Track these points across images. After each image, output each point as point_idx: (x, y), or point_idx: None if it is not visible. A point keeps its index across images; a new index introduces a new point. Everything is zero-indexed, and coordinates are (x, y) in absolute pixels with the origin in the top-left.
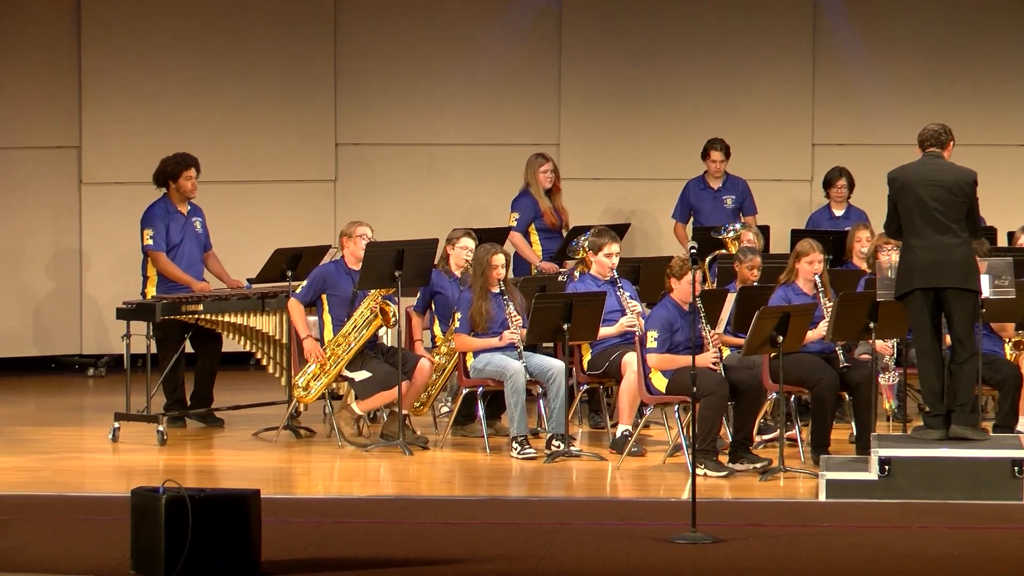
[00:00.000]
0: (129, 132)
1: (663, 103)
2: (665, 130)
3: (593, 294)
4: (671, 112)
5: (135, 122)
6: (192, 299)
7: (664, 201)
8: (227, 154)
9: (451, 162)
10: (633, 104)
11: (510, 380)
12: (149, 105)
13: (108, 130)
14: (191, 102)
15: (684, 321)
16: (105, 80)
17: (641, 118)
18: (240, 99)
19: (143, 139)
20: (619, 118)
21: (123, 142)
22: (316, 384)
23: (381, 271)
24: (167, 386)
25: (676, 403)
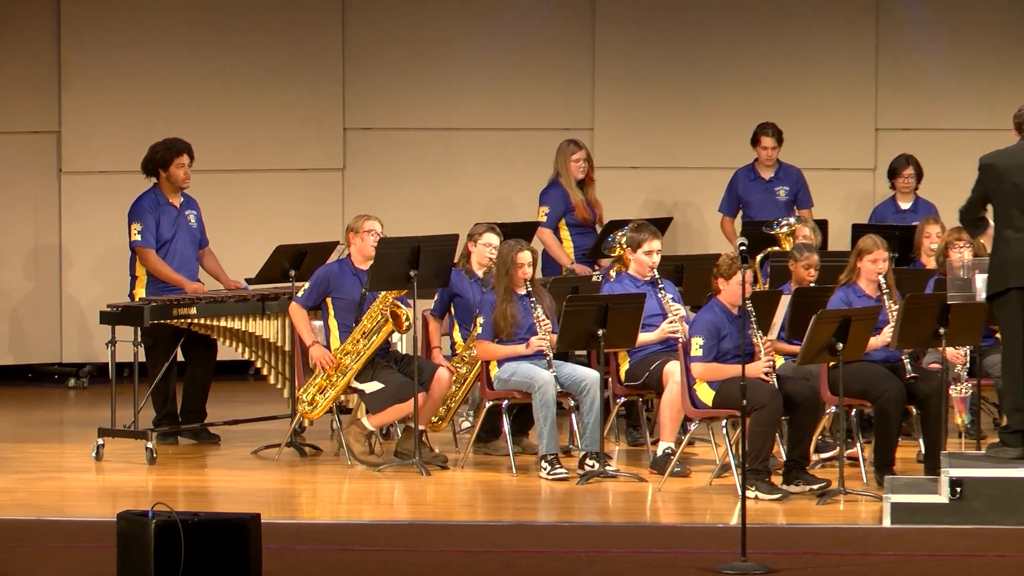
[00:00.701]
0: (114, 116)
1: (709, 83)
2: (711, 113)
3: (631, 296)
4: (718, 93)
5: (120, 104)
6: (185, 301)
7: (710, 192)
8: (223, 140)
9: (472, 149)
10: (676, 84)
11: (538, 392)
12: (136, 86)
13: (90, 113)
14: (182, 82)
15: (733, 326)
16: (87, 58)
17: (684, 100)
18: (237, 79)
19: (129, 123)
20: (660, 100)
21: (107, 127)
22: (322, 397)
23: (394, 271)
24: (156, 398)
25: (724, 418)
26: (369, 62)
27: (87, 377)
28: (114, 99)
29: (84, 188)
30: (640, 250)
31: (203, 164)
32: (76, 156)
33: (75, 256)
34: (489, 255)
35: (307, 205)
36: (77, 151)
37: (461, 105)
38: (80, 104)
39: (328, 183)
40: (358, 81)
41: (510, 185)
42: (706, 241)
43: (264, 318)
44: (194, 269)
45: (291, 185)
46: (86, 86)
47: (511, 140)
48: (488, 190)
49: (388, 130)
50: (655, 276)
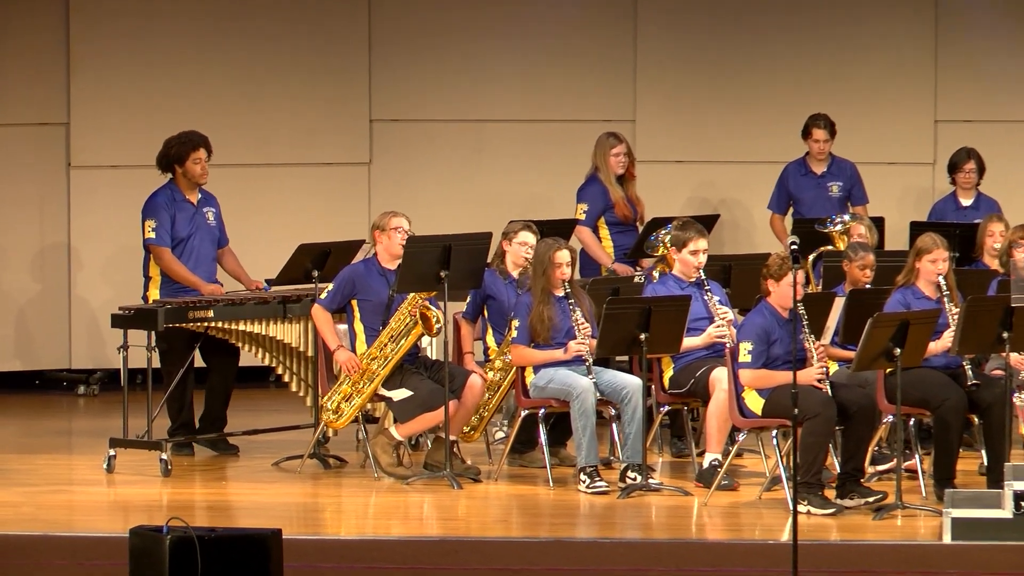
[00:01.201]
0: (126, 106)
1: (758, 72)
2: (760, 104)
3: (675, 298)
4: (767, 83)
5: (133, 94)
6: (201, 304)
7: (759, 188)
8: (241, 132)
9: (506, 142)
10: (723, 73)
11: (577, 400)
12: (149, 75)
13: (101, 104)
14: (198, 71)
15: (783, 330)
16: (97, 45)
17: (732, 89)
18: (256, 68)
19: (142, 114)
20: (706, 89)
21: (119, 118)
22: (348, 405)
23: (423, 271)
24: (171, 406)
25: (774, 428)
26: (397, 49)
27: (98, 384)
28: (126, 89)
29: (94, 183)
30: (685, 249)
31: (220, 158)
32: (86, 149)
33: (85, 255)
34: (525, 254)
35: (331, 201)
36: (87, 144)
37: (495, 95)
38: (90, 94)
39: (353, 178)
40: (385, 69)
41: (546, 180)
42: (754, 240)
43: (286, 321)
44: (212, 269)
45: (314, 180)
46: (96, 75)
47: (548, 132)
48: (523, 185)
49: (417, 122)
50: (701, 277)
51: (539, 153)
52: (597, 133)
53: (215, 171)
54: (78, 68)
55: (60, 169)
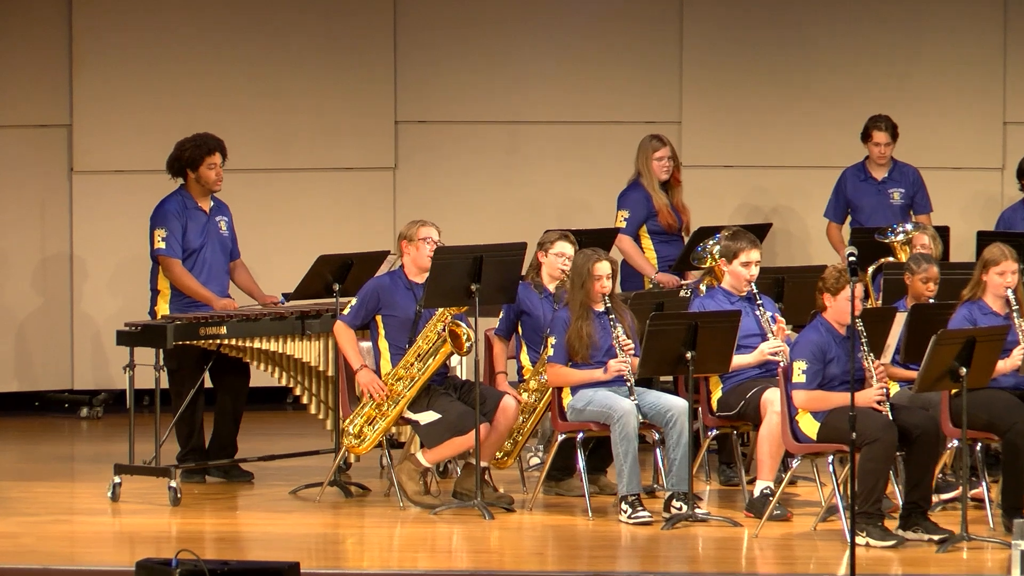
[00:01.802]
0: (132, 107)
1: (814, 70)
2: (816, 105)
3: (725, 314)
4: (824, 82)
5: (140, 95)
6: (214, 320)
7: (814, 195)
8: (256, 135)
9: (542, 145)
10: (775, 71)
11: (618, 423)
12: (157, 74)
13: (105, 105)
14: (210, 70)
15: (840, 348)
16: (102, 42)
17: (785, 89)
18: (272, 66)
19: (150, 116)
20: (757, 88)
21: (125, 120)
22: (371, 429)
23: (453, 285)
24: (181, 430)
25: (830, 453)
26: (424, 44)
27: (102, 406)
28: (132, 88)
29: (98, 189)
30: (736, 261)
31: (234, 162)
32: (89, 153)
33: (89, 267)
34: (562, 266)
35: (353, 209)
36: (90, 147)
37: (530, 94)
38: (94, 94)
39: (377, 184)
40: (412, 66)
41: (585, 186)
42: (809, 251)
43: (304, 339)
44: (224, 282)
45: (335, 186)
46: (101, 73)
47: (586, 134)
48: (560, 192)
49: (446, 123)
50: (752, 291)
51: (577, 157)
52: (639, 135)
53: (229, 176)
54: (81, 65)
55: (62, 174)
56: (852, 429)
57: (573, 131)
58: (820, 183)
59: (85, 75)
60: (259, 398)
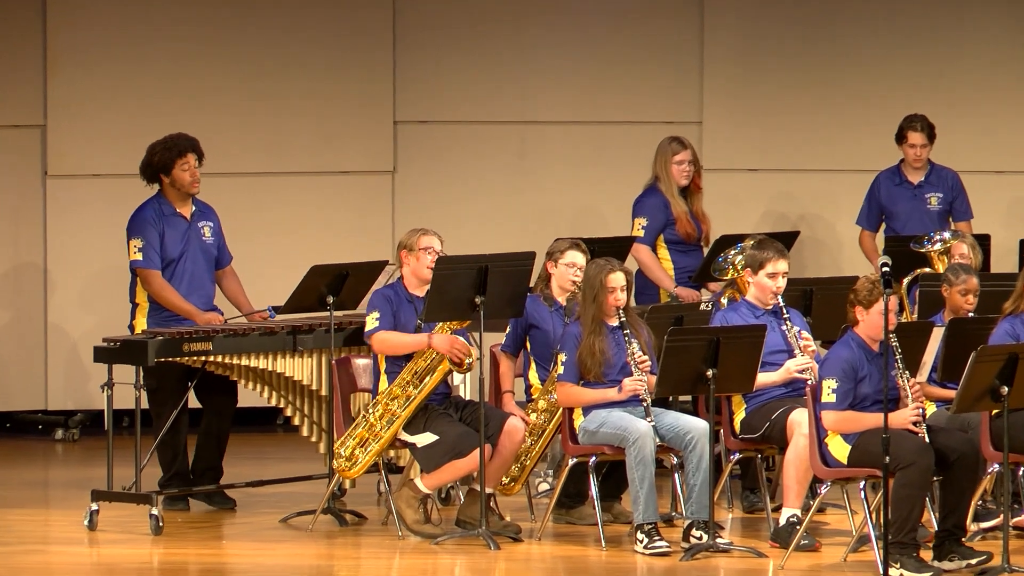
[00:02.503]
0: (111, 107)
1: (844, 67)
2: (847, 104)
3: (749, 328)
4: (854, 79)
5: (119, 94)
6: (198, 335)
7: (845, 201)
8: (246, 137)
9: (552, 147)
10: (802, 68)
11: (634, 447)
12: (139, 72)
13: (82, 105)
14: (197, 69)
15: (873, 366)
16: (78, 38)
17: (814, 87)
18: (263, 64)
19: (130, 118)
20: (784, 87)
21: (102, 120)
22: (363, 452)
23: (455, 297)
24: (163, 454)
25: (862, 478)
26: (426, 39)
27: (78, 428)
28: (112, 87)
29: (74, 194)
30: (762, 272)
31: (222, 166)
32: (65, 156)
33: (63, 278)
34: (573, 277)
35: (349, 216)
36: (66, 149)
37: (540, 93)
38: (70, 93)
39: (375, 189)
40: (412, 63)
41: (599, 192)
42: (840, 261)
43: (296, 355)
44: (209, 294)
45: (329, 192)
46: (77, 70)
47: (600, 136)
48: (572, 197)
49: (449, 124)
50: (779, 304)
51: (590, 160)
52: (657, 137)
53: (216, 181)
54: (56, 61)
55: (35, 178)
56: (885, 452)
57: (586, 132)
58: (852, 188)
59: (61, 72)
60: (247, 419)
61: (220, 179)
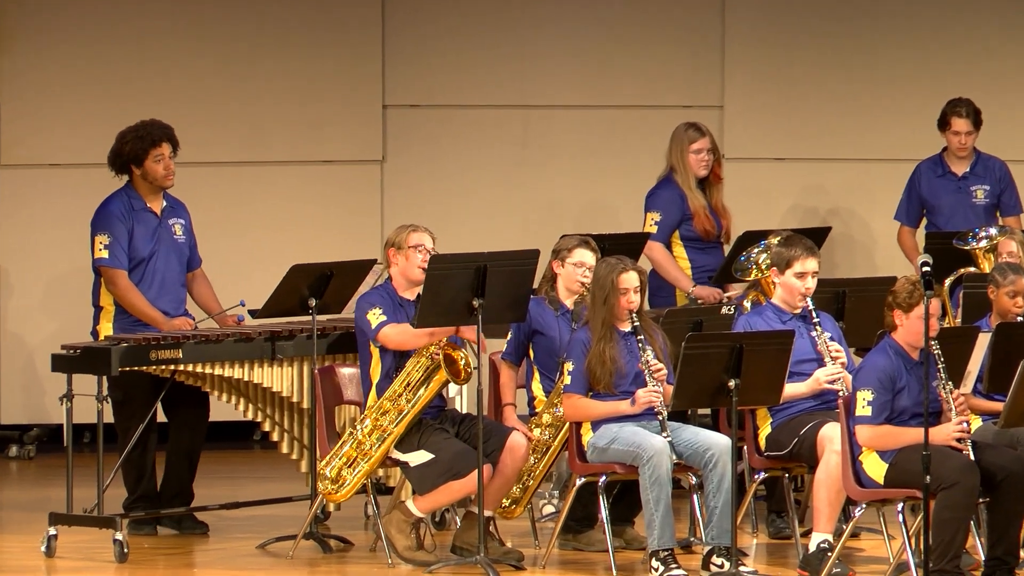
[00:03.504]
0: (71, 90)
1: (880, 46)
2: (883, 87)
3: (775, 334)
4: (892, 61)
5: (81, 76)
6: (167, 342)
7: (882, 193)
8: (219, 123)
9: (557, 134)
10: (834, 47)
11: (648, 465)
12: (102, 51)
13: (39, 88)
14: (168, 48)
15: (912, 376)
16: (33, 15)
17: (846, 69)
18: (238, 43)
19: (93, 101)
20: (813, 68)
21: (61, 105)
22: (351, 472)
23: (451, 300)
24: (129, 473)
25: (900, 500)
26: (418, 15)
27: (34, 444)
28: (71, 67)
29: (30, 186)
30: (789, 271)
31: (195, 155)
32: (19, 144)
33: (18, 279)
34: (581, 278)
35: (333, 210)
36: (20, 136)
37: (545, 74)
38: (24, 75)
39: (361, 180)
40: (402, 42)
41: (609, 183)
42: (876, 259)
43: (275, 364)
44: (180, 297)
45: (311, 183)
46: (32, 51)
47: (611, 122)
48: (580, 190)
49: (443, 108)
50: (808, 307)
51: (600, 148)
52: (673, 123)
53: (189, 171)
54: (9, 41)
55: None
56: (926, 471)
57: (595, 117)
58: (889, 179)
59: (14, 52)
60: (221, 435)
61: (191, 169)
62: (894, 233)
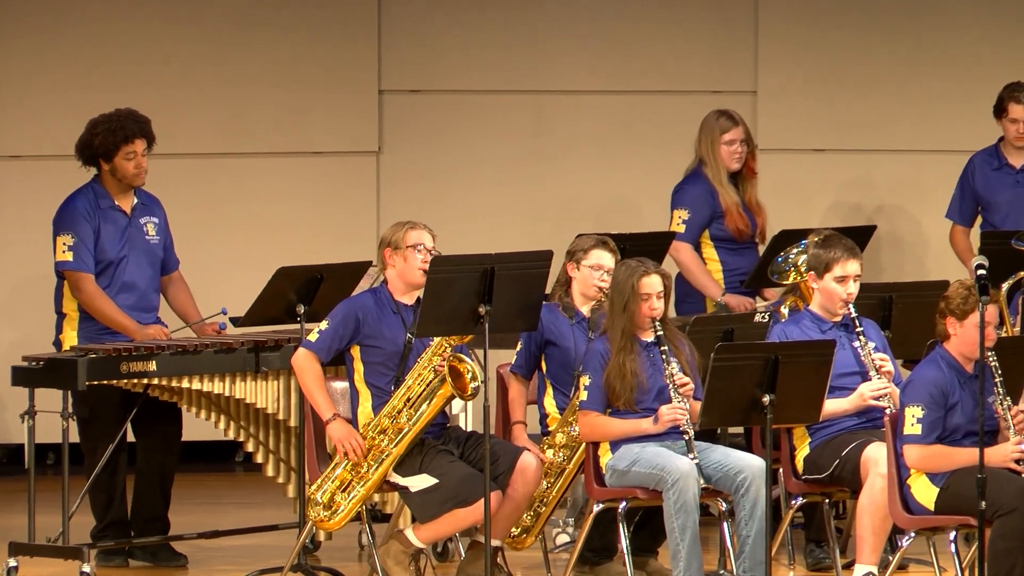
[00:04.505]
0: (36, 76)
1: (930, 27)
2: (933, 71)
3: (814, 344)
4: (943, 42)
5: (46, 60)
6: (140, 352)
7: (932, 188)
8: (199, 111)
9: (573, 122)
10: (880, 27)
11: (673, 489)
12: (70, 35)
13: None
14: (147, 31)
15: (967, 390)
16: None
17: (893, 51)
18: (219, 21)
19: (56, 89)
20: (855, 50)
21: (26, 92)
22: (345, 498)
23: (455, 307)
24: (97, 498)
25: (953, 528)
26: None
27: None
28: (31, 50)
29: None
30: (828, 275)
31: (174, 147)
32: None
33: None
34: (599, 282)
35: (324, 206)
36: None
37: (559, 56)
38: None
39: (356, 173)
40: (401, 22)
41: (630, 177)
42: (925, 262)
43: (259, 378)
44: (152, 303)
45: (300, 176)
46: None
47: (633, 109)
48: (598, 184)
49: (446, 93)
50: (850, 314)
51: (620, 138)
52: (702, 110)
53: (165, 164)
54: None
55: None
56: (981, 496)
57: (615, 103)
58: (940, 173)
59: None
60: (199, 456)
61: (166, 162)
62: (946, 233)
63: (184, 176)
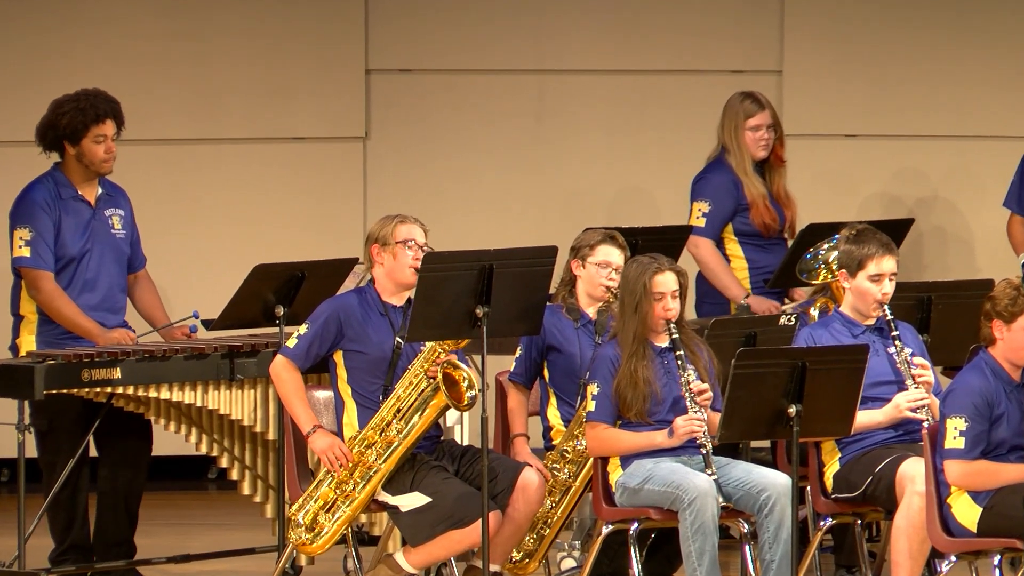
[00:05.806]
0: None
1: (971, 4)
2: (983, 48)
3: (845, 350)
4: (994, 16)
5: (8, 39)
6: (103, 358)
7: (983, 177)
8: (168, 94)
9: (579, 105)
10: (917, 2)
11: (690, 509)
12: (21, 10)
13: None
14: (102, 4)
15: (1014, 401)
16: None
17: (936, 26)
18: (198, 4)
19: (9, 68)
20: (893, 26)
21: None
22: (330, 519)
23: (448, 308)
24: (57, 518)
25: (997, 552)
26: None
27: None
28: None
29: None
30: (861, 274)
31: (141, 132)
32: None
33: None
34: (607, 281)
35: (306, 197)
36: None
37: (563, 32)
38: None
39: (341, 160)
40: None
41: (643, 166)
42: (975, 258)
43: (233, 386)
44: (118, 304)
45: (281, 165)
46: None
47: (647, 91)
48: (608, 173)
49: (439, 73)
50: (885, 317)
51: (632, 123)
52: (724, 92)
53: (131, 150)
54: None
55: None
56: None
57: (626, 84)
58: (989, 160)
59: None
60: (168, 472)
61: (132, 148)
62: (1000, 226)
63: (151, 164)
